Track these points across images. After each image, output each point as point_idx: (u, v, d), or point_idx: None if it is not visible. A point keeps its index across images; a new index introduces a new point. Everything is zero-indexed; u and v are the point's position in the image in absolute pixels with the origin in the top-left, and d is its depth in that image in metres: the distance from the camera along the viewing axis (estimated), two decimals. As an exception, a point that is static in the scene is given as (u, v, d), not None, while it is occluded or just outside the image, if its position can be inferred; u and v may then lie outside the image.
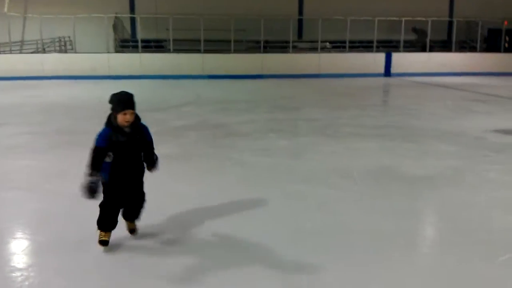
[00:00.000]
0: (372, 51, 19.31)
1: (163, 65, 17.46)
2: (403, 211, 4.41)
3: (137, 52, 18.43)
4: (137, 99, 3.36)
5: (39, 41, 18.68)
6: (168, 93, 12.88)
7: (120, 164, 3.31)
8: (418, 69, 18.34)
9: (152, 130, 3.52)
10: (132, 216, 3.61)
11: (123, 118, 3.24)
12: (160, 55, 18.77)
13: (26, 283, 3.04)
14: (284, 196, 4.75)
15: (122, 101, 3.28)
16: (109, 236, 3.44)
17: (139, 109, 3.41)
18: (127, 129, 3.29)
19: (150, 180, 3.65)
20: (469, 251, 3.61)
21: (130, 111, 3.26)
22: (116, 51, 19.34)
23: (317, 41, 19.41)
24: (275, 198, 4.67)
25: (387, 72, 18.47)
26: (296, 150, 6.70)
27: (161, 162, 3.64)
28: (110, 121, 3.31)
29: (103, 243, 3.40)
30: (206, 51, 18.14)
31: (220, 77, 17.15)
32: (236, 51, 18.82)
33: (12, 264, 3.36)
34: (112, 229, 3.46)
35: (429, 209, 4.70)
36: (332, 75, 17.82)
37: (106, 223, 3.42)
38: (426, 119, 9.22)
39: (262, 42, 19.31)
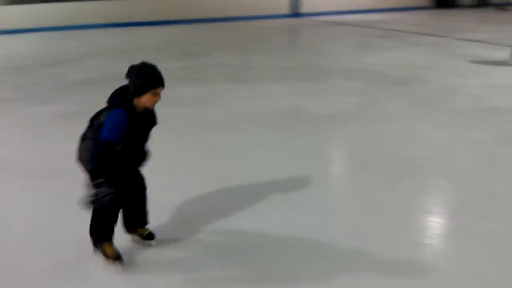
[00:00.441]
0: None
1: (59, 16, 15.98)
2: (312, 151, 4.54)
3: (31, 3, 16.62)
4: (30, 53, 2.97)
5: None
6: (66, 46, 11.87)
7: (126, 156, 2.53)
8: (326, 8, 18.47)
9: (47, 87, 3.15)
10: (144, 217, 2.89)
11: (152, 100, 2.47)
12: (56, 5, 17.12)
13: None
14: (196, 146, 4.66)
15: (156, 76, 2.46)
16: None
17: (33, 65, 3.02)
18: (140, 113, 2.50)
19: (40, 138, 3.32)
20: (377, 182, 3.84)
21: (162, 89, 2.50)
22: (10, 3, 17.31)
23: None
24: (187, 148, 4.57)
25: (295, 13, 18.45)
26: (207, 98, 6.54)
27: (58, 121, 3.30)
28: (128, 102, 2.43)
29: (119, 257, 2.66)
30: (106, -3, 16.81)
31: (123, 25, 16.12)
32: (138, -5, 17.64)
33: None
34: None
35: (336, 145, 4.89)
36: (241, 18, 17.48)
37: (109, 230, 2.65)
38: (332, 58, 9.41)
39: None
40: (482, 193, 3.65)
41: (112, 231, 2.67)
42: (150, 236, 2.89)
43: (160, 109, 2.67)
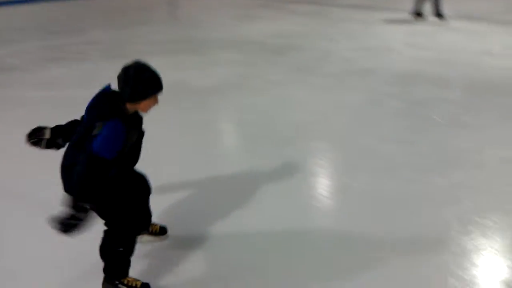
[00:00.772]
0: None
1: None
2: (198, 123, 4.50)
3: None
4: None
5: None
6: None
7: (128, 171, 2.25)
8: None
9: None
10: (150, 214, 2.62)
11: (150, 105, 2.16)
12: None
13: None
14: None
15: (158, 80, 2.15)
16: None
17: None
18: (132, 118, 2.14)
19: None
20: (265, 149, 3.93)
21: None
22: None
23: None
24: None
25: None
26: (81, 79, 6.08)
27: None
28: (122, 111, 2.06)
29: (147, 285, 2.31)
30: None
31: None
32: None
33: None
34: None
35: (223, 117, 4.88)
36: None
37: (129, 263, 2.30)
38: (213, 30, 9.29)
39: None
40: (359, 151, 3.89)
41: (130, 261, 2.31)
42: (163, 230, 2.71)
43: (32, 94, 2.37)
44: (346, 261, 2.54)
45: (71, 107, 4.90)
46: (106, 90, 2.14)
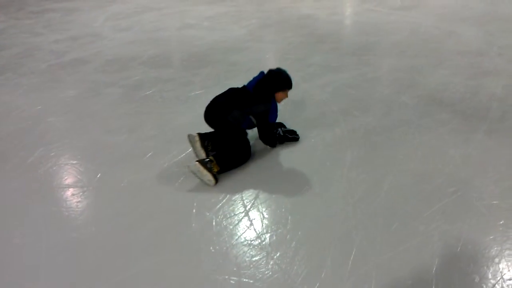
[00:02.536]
0: None
1: None
2: None
3: None
4: None
5: None
6: None
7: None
8: None
9: None
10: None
11: (283, 97, 3.37)
12: None
13: None
14: None
15: (289, 79, 3.37)
16: None
17: None
18: None
19: None
20: None
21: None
22: None
23: None
24: None
25: None
26: None
27: None
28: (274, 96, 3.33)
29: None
30: None
31: None
32: None
33: None
34: None
35: None
36: None
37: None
38: None
39: None
40: (89, 146, 3.70)
41: None
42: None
43: None
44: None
45: None
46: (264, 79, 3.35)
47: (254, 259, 2.44)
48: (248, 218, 2.72)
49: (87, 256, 2.54)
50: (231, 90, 3.42)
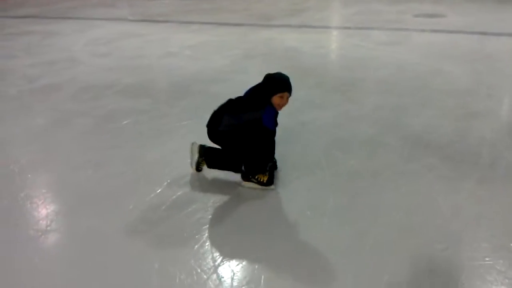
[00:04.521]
0: None
1: None
2: None
3: None
4: None
5: None
6: None
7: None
8: None
9: None
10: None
11: (280, 103, 3.05)
12: None
13: None
14: None
15: (285, 83, 3.07)
16: None
17: None
18: None
19: None
20: None
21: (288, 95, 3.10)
22: None
23: None
24: None
25: None
26: None
27: None
28: (271, 102, 3.03)
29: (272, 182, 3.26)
30: None
31: None
32: None
33: None
34: None
35: None
36: None
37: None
38: None
39: None
40: (50, 184, 3.40)
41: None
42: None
43: None
44: None
45: None
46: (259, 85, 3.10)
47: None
48: (217, 276, 2.43)
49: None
50: (228, 101, 3.20)
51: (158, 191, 3.21)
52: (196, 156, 3.37)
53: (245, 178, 3.24)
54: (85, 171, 3.58)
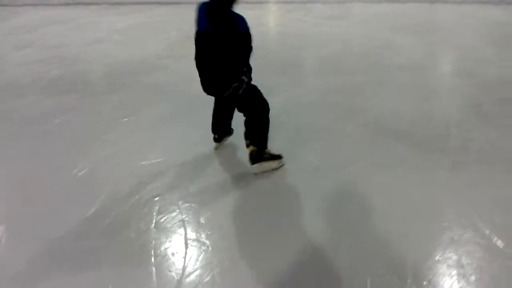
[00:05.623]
0: None
1: None
2: None
3: None
4: None
5: None
6: None
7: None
8: None
9: None
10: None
11: None
12: None
13: None
14: None
15: None
16: None
17: None
18: None
19: None
20: None
21: None
22: None
23: None
24: None
25: None
26: None
27: None
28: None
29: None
30: None
31: None
32: None
33: None
34: None
35: None
36: None
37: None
38: None
39: None
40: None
41: None
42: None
43: None
44: None
45: None
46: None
47: None
48: None
49: None
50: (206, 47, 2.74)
51: (88, 214, 2.68)
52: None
53: (258, 158, 2.91)
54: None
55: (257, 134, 2.94)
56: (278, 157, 3.00)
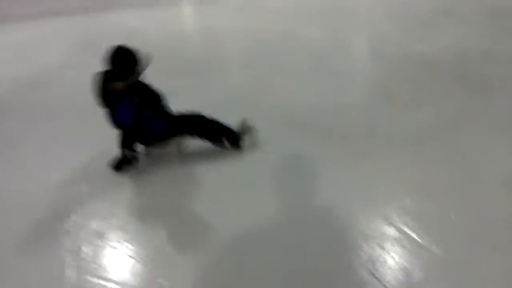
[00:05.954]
0: None
1: None
2: None
3: None
4: None
5: None
6: None
7: None
8: None
9: None
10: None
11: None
12: None
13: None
14: None
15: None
16: None
17: None
18: None
19: None
20: None
21: None
22: None
23: None
24: None
25: None
26: None
27: None
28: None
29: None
30: None
31: None
32: None
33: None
34: None
35: None
36: None
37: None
38: None
39: None
40: None
41: None
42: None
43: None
44: None
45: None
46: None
47: None
48: None
49: None
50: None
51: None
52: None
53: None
54: None
55: (221, 131, 2.99)
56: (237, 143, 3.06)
